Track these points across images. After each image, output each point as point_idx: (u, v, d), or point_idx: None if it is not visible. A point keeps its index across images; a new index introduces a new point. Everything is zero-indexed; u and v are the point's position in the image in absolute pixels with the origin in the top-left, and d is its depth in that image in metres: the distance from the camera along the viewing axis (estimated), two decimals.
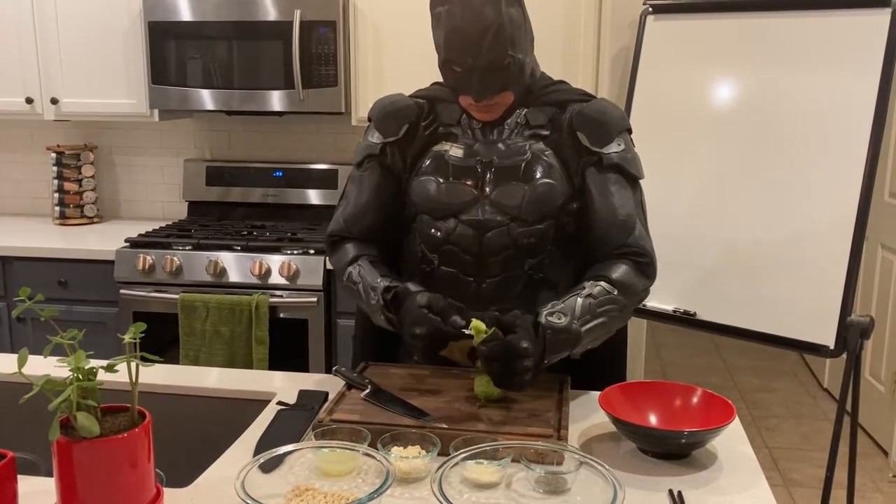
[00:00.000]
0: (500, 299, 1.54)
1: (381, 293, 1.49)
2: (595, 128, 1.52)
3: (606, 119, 1.53)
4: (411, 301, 1.43)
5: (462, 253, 1.54)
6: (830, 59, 2.27)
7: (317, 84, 2.93)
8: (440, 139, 1.59)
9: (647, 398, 1.40)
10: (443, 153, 1.57)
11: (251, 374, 1.72)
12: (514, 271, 1.54)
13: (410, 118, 1.59)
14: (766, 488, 1.22)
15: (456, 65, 1.45)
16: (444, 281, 1.56)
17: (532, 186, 1.51)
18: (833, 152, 2.24)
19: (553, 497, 1.15)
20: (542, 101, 1.56)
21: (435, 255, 1.57)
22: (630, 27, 3.02)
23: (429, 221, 1.56)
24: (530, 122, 1.55)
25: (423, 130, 1.60)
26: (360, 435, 1.23)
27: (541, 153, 1.53)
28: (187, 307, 2.80)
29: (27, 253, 2.99)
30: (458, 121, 1.59)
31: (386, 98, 1.65)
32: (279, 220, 3.36)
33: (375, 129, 1.63)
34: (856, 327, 2.16)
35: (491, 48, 1.42)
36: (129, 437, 1.02)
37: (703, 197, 2.49)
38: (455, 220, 1.53)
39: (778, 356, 4.74)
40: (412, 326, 1.40)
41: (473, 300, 1.53)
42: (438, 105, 1.61)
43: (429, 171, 1.56)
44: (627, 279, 1.47)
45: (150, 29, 3.00)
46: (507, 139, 1.55)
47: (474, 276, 1.54)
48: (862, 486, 3.18)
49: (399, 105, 1.61)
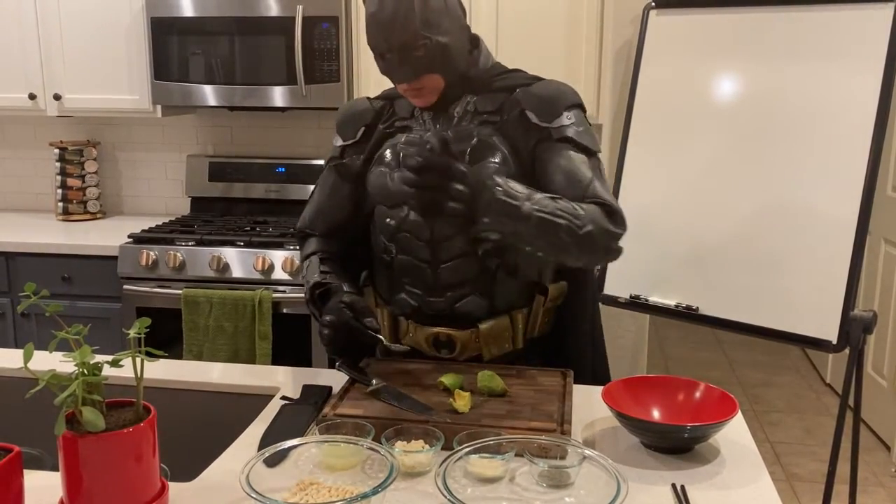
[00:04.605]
0: (456, 285, 1.57)
1: (310, 287, 1.58)
2: (543, 103, 1.52)
3: (554, 94, 1.53)
4: (336, 296, 1.52)
5: (415, 240, 1.57)
6: (833, 54, 2.27)
7: (319, 80, 2.93)
8: (396, 132, 1.63)
9: (650, 393, 1.40)
10: (395, 144, 1.61)
11: (255, 369, 1.73)
12: (468, 256, 1.55)
13: (366, 120, 1.66)
14: (769, 482, 1.22)
15: (377, 50, 1.50)
16: (402, 269, 1.60)
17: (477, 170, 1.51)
18: (836, 147, 2.24)
19: (556, 491, 1.16)
20: (492, 88, 1.58)
21: (392, 244, 1.60)
22: (633, 22, 3.02)
23: (384, 211, 1.61)
24: (479, 109, 1.57)
25: (380, 127, 1.65)
26: (364, 429, 1.23)
27: (488, 137, 1.54)
28: (190, 302, 2.80)
29: (30, 249, 3.00)
30: (411, 113, 1.63)
31: (348, 103, 1.74)
32: (282, 215, 3.36)
33: (337, 134, 1.71)
34: (858, 322, 2.16)
35: (402, 29, 1.44)
36: (135, 431, 1.03)
37: (705, 191, 2.48)
38: (406, 207, 1.57)
39: (780, 351, 4.74)
40: (325, 314, 1.50)
41: (431, 287, 1.58)
42: (396, 102, 1.66)
43: (382, 163, 1.61)
44: (593, 211, 1.40)
45: (152, 24, 3.00)
46: (455, 126, 1.57)
47: (429, 263, 1.57)
48: (864, 481, 3.19)
49: (356, 109, 1.69)
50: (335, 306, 1.50)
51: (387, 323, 1.67)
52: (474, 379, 1.44)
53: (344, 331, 1.48)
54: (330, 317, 1.49)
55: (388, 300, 1.66)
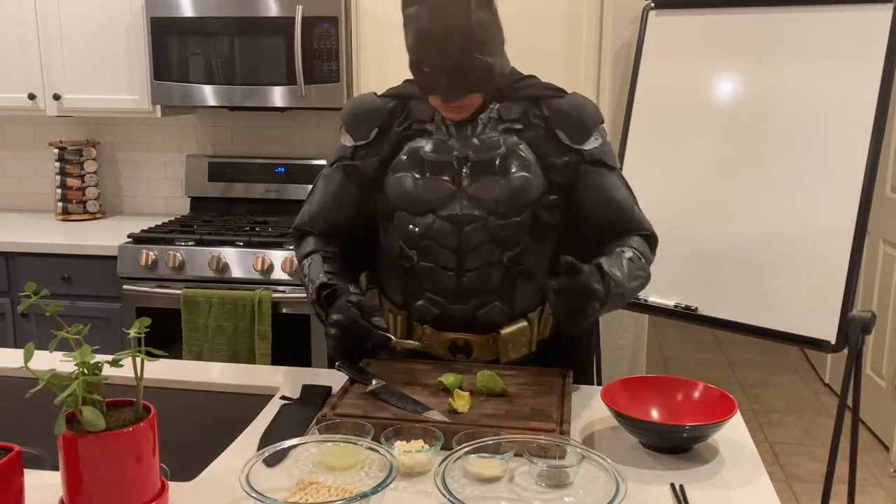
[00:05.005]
0: (479, 292, 1.57)
1: (317, 288, 1.56)
2: (573, 123, 1.55)
3: (584, 116, 1.56)
4: (343, 297, 1.51)
5: (441, 248, 1.55)
6: (832, 55, 2.27)
7: (319, 80, 2.93)
8: (414, 136, 1.59)
9: (649, 392, 1.41)
10: (417, 149, 1.57)
11: (255, 368, 1.73)
12: (493, 264, 1.56)
13: (380, 121, 1.61)
14: (768, 482, 1.22)
15: (425, 65, 1.47)
16: (423, 276, 1.58)
17: (508, 180, 1.52)
18: (835, 147, 2.24)
19: (555, 491, 1.16)
20: (514, 97, 1.58)
21: (414, 251, 1.58)
22: (632, 22, 3.02)
23: (407, 217, 1.57)
24: (503, 117, 1.56)
25: (396, 128, 1.60)
26: (364, 429, 1.24)
27: (515, 146, 1.54)
28: (190, 302, 2.80)
29: (30, 249, 3.00)
30: (431, 117, 1.59)
31: (356, 99, 1.67)
32: (281, 215, 3.36)
33: (346, 132, 1.64)
34: (857, 322, 2.16)
35: (459, 50, 1.43)
36: (135, 431, 1.03)
37: (705, 192, 2.49)
38: (433, 215, 1.55)
39: (779, 351, 4.75)
40: (333, 313, 1.49)
41: (453, 294, 1.57)
42: (412, 102, 1.62)
43: (404, 168, 1.57)
44: (645, 249, 1.59)
45: (152, 24, 3.00)
46: (480, 134, 1.56)
47: (454, 270, 1.56)
48: (863, 481, 3.19)
49: (369, 108, 1.62)
50: (343, 305, 1.48)
51: (400, 328, 1.65)
52: (473, 379, 1.44)
53: (351, 331, 1.46)
54: (338, 315, 1.47)
55: (404, 306, 1.64)
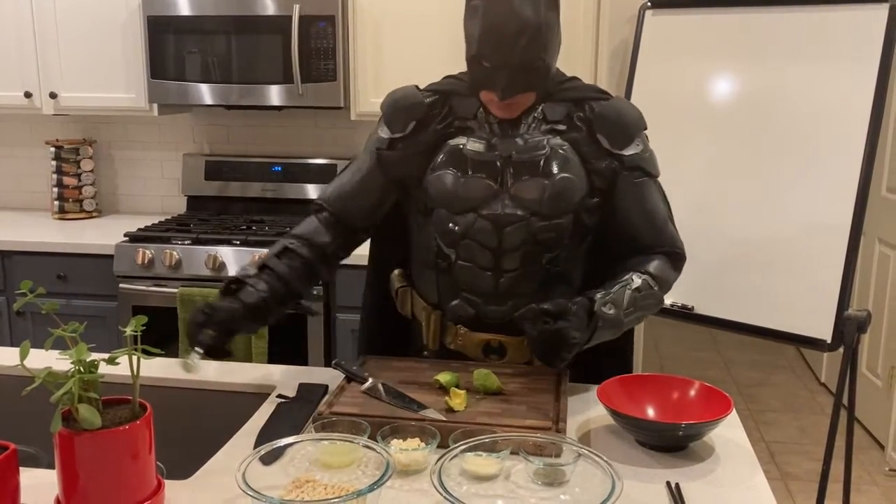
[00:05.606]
0: (517, 294, 1.54)
1: (228, 279, 1.59)
2: (615, 129, 1.53)
3: (626, 121, 1.54)
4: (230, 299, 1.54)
5: (480, 247, 1.53)
6: (828, 55, 2.27)
7: (316, 78, 2.93)
8: (456, 133, 1.57)
9: (645, 391, 1.41)
10: (460, 147, 1.55)
11: (251, 367, 1.73)
12: (532, 265, 1.54)
13: (418, 115, 1.58)
14: (763, 481, 1.23)
15: (487, 60, 1.44)
16: (461, 275, 1.56)
17: (552, 181, 1.51)
18: (831, 147, 2.24)
19: (551, 489, 1.16)
20: (558, 98, 1.56)
21: (452, 250, 1.56)
22: (629, 22, 3.03)
23: (446, 216, 1.55)
24: (547, 117, 1.54)
25: (437, 125, 1.58)
26: (360, 427, 1.24)
27: (559, 148, 1.52)
28: (186, 301, 2.80)
29: (26, 247, 2.99)
30: (474, 115, 1.57)
31: (398, 91, 1.64)
32: (278, 214, 3.36)
33: (384, 124, 1.63)
34: (852, 321, 2.17)
35: (526, 48, 1.41)
36: (131, 429, 1.03)
37: (701, 192, 2.49)
38: (474, 214, 1.53)
39: (775, 350, 4.75)
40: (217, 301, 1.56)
41: (491, 294, 1.55)
42: (453, 99, 1.59)
43: (446, 166, 1.55)
44: (665, 275, 1.55)
45: (148, 23, 2.99)
46: (524, 134, 1.54)
47: (492, 271, 1.54)
48: (858, 480, 3.20)
49: (409, 101, 1.60)
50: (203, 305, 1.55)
51: (434, 327, 1.63)
52: (470, 377, 1.44)
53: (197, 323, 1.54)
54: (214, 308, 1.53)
55: (438, 305, 1.62)
